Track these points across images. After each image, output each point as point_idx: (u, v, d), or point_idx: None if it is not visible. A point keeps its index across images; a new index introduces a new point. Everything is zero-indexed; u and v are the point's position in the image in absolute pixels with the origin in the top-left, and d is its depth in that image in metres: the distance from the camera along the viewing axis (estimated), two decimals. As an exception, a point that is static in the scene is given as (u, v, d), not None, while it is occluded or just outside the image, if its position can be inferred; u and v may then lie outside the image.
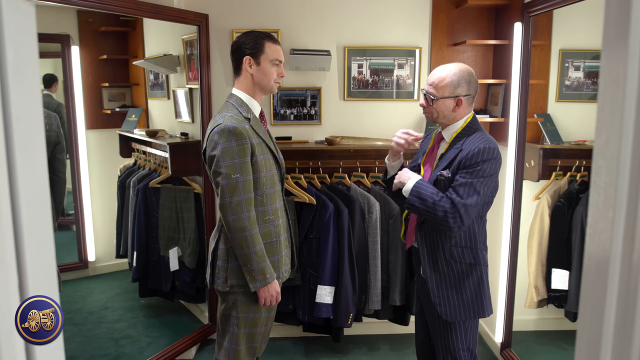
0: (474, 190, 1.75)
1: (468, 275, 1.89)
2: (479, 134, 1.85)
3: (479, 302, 1.90)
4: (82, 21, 3.71)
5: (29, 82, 0.64)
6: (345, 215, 2.82)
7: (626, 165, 0.53)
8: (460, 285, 1.90)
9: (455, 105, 1.85)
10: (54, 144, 2.75)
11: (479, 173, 1.75)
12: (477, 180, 1.75)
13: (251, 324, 1.95)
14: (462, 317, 1.92)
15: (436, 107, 1.86)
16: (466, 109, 1.88)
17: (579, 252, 2.74)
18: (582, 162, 2.84)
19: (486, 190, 1.79)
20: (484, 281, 1.89)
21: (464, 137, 1.86)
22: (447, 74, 1.85)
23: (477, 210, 1.79)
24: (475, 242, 1.89)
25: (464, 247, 1.89)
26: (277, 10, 3.00)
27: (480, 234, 1.91)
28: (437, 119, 1.90)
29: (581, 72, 2.83)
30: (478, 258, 1.89)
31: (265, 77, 1.90)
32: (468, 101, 1.87)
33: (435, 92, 1.85)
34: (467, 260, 1.89)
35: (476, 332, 2.02)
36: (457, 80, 1.84)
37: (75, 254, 3.88)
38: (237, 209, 1.79)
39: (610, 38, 0.55)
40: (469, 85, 1.86)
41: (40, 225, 0.66)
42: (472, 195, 1.75)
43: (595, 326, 0.57)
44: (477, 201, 1.75)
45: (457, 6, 3.03)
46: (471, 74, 1.88)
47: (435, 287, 1.93)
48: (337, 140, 2.94)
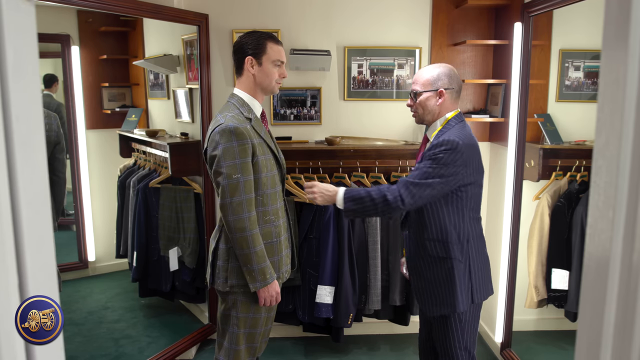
0: (422, 173, 1.80)
1: (440, 268, 1.91)
2: (455, 129, 1.88)
3: (450, 296, 1.90)
4: (82, 21, 3.71)
5: (29, 82, 0.64)
6: (345, 215, 2.82)
7: (626, 165, 0.53)
8: (433, 279, 1.93)
9: (439, 97, 1.91)
10: (53, 144, 2.75)
11: (433, 161, 1.80)
12: (428, 165, 1.80)
13: (251, 324, 1.95)
14: (436, 312, 1.93)
15: (420, 102, 1.93)
16: (450, 103, 1.93)
17: (579, 252, 2.74)
18: (582, 162, 2.84)
19: (438, 180, 1.79)
20: (454, 275, 1.88)
21: (442, 134, 1.88)
22: (427, 71, 1.94)
23: (421, 191, 1.79)
24: (447, 235, 1.89)
25: (436, 240, 1.90)
26: (278, 10, 3.00)
27: (456, 228, 1.90)
28: (423, 116, 1.95)
29: (581, 72, 2.83)
30: (449, 251, 1.89)
31: (266, 78, 1.90)
32: (452, 95, 1.92)
33: (419, 87, 1.94)
34: (440, 254, 1.90)
35: (474, 332, 2.01)
36: (437, 74, 1.92)
37: (75, 254, 3.88)
38: (237, 209, 1.79)
39: (610, 38, 0.55)
40: (450, 79, 1.92)
41: (40, 225, 0.66)
42: (417, 177, 1.80)
43: (595, 326, 0.57)
44: (425, 186, 1.79)
45: (457, 6, 3.03)
46: (451, 70, 1.94)
47: (415, 282, 1.99)
48: (337, 140, 2.94)
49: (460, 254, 1.90)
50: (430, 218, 1.90)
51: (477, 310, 2.00)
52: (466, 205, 1.90)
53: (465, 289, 1.91)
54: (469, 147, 1.82)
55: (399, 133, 3.11)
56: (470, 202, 1.90)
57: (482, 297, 1.96)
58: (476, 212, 1.96)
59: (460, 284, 1.90)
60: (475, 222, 1.96)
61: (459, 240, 1.90)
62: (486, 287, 1.99)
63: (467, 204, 1.90)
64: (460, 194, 1.87)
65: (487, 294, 1.99)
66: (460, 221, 1.90)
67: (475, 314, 1.99)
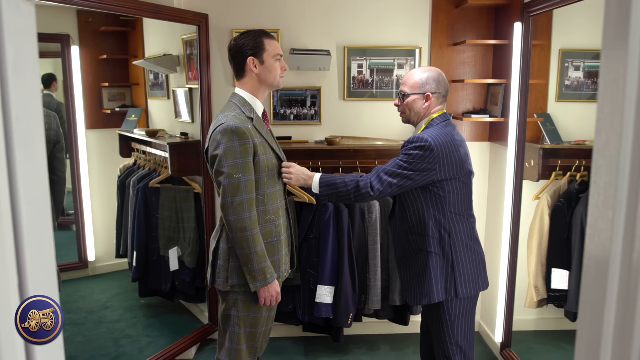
0: (394, 164, 1.91)
1: (417, 260, 1.99)
2: (433, 128, 1.95)
3: (426, 286, 1.97)
4: (82, 21, 3.71)
5: (29, 82, 0.64)
6: (345, 215, 2.82)
7: (626, 165, 0.53)
8: (413, 270, 2.01)
9: (425, 101, 1.97)
10: (53, 144, 2.75)
11: (405, 156, 1.90)
12: (400, 158, 1.91)
13: (252, 324, 1.95)
14: (416, 302, 2.01)
15: (407, 104, 2.00)
16: (436, 107, 2.00)
17: (579, 252, 2.74)
18: (582, 162, 2.84)
19: (407, 173, 1.87)
20: (429, 267, 1.95)
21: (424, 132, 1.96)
22: (416, 74, 2.01)
23: (390, 180, 1.89)
24: (425, 229, 1.96)
25: (415, 233, 1.99)
26: (277, 10, 3.00)
27: (435, 223, 1.95)
28: (410, 117, 2.03)
29: (581, 72, 2.83)
30: (425, 244, 1.96)
31: (271, 74, 1.91)
32: (438, 99, 1.99)
33: (407, 89, 2.00)
34: (418, 247, 1.98)
35: (467, 329, 2.03)
36: (426, 78, 1.99)
37: (75, 254, 3.88)
38: (238, 209, 1.79)
39: (610, 38, 0.55)
40: (437, 84, 1.98)
41: (40, 225, 0.66)
42: (389, 167, 1.91)
43: (595, 326, 0.57)
44: (391, 172, 1.89)
45: (457, 6, 3.03)
46: (440, 74, 2.01)
47: (400, 273, 2.11)
48: (337, 140, 2.94)
49: (439, 248, 1.96)
50: (411, 212, 1.98)
51: (468, 305, 2.01)
52: (446, 201, 1.95)
53: (442, 281, 1.97)
54: (443, 146, 1.88)
55: (399, 133, 3.11)
56: (450, 197, 1.95)
57: (471, 291, 1.99)
58: (461, 209, 1.98)
59: (436, 275, 1.96)
60: (460, 218, 1.98)
61: (439, 235, 1.96)
62: (476, 282, 2.01)
63: (447, 199, 1.95)
64: (437, 190, 1.93)
65: (477, 289, 2.02)
66: (440, 216, 1.96)
67: (466, 310, 2.01)
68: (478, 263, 2.03)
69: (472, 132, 3.18)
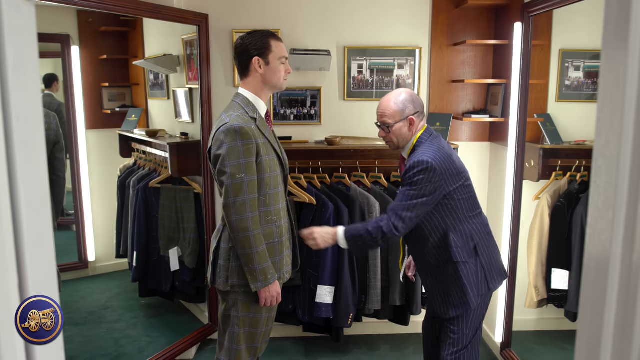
0: (405, 197, 1.91)
1: (447, 271, 1.99)
2: (424, 146, 1.97)
3: (462, 296, 1.98)
4: (82, 21, 3.71)
5: (29, 82, 0.64)
6: (345, 215, 2.82)
7: (626, 165, 0.53)
8: (444, 283, 2.01)
9: (410, 124, 2.00)
10: (53, 143, 2.75)
11: (411, 184, 1.90)
12: (408, 188, 1.91)
13: (252, 324, 1.95)
14: (450, 312, 2.01)
15: (394, 132, 2.01)
16: (419, 125, 2.02)
17: (579, 252, 2.74)
18: (582, 162, 2.84)
19: (421, 200, 1.89)
20: (461, 276, 1.97)
21: (415, 151, 1.99)
22: (392, 102, 2.01)
23: (409, 214, 1.90)
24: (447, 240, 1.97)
25: (440, 247, 2.00)
26: (277, 10, 3.00)
27: (456, 232, 1.98)
28: (398, 144, 2.05)
29: (581, 72, 2.83)
30: (453, 255, 1.97)
31: (274, 76, 1.91)
32: (419, 117, 2.02)
33: (389, 119, 2.00)
34: (443, 258, 2.00)
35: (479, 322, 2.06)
36: (402, 102, 1.99)
37: (75, 254, 3.88)
38: (241, 209, 1.79)
39: (610, 38, 0.55)
40: (413, 104, 2.01)
41: (40, 225, 0.66)
42: (402, 201, 1.91)
43: (595, 326, 0.57)
44: (410, 209, 1.89)
45: (457, 6, 3.03)
46: (412, 94, 2.03)
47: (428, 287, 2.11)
48: (337, 140, 2.94)
49: (466, 255, 1.98)
50: (429, 229, 1.99)
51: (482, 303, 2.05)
52: (459, 208, 1.98)
53: (475, 286, 1.99)
54: (441, 160, 1.91)
55: (399, 133, 3.11)
56: (461, 203, 1.98)
57: (499, 283, 2.07)
58: (472, 210, 2.02)
59: (469, 282, 1.97)
60: (474, 218, 2.02)
61: (462, 241, 1.98)
62: (500, 272, 2.09)
63: (458, 206, 1.97)
64: (448, 202, 1.96)
65: (502, 278, 2.10)
66: (457, 224, 1.98)
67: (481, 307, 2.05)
68: (497, 253, 2.10)
69: (472, 132, 3.18)
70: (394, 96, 2.02)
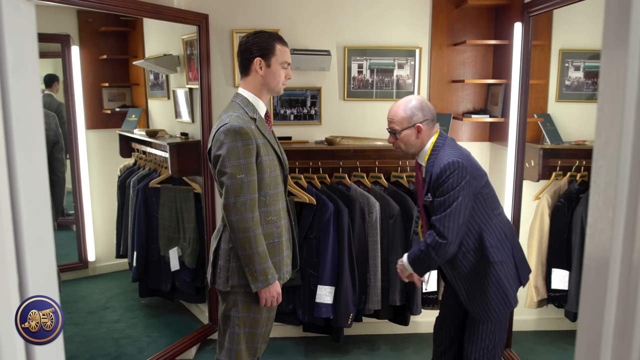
0: (446, 206, 1.91)
1: (483, 274, 2.00)
2: (444, 150, 1.99)
3: (501, 297, 1.99)
4: (82, 21, 3.71)
5: (29, 82, 0.64)
6: (345, 215, 2.82)
7: (626, 165, 0.53)
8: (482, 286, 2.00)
9: (417, 132, 2.01)
10: (52, 144, 2.75)
11: (446, 189, 1.91)
12: (446, 197, 1.91)
13: (251, 324, 1.95)
14: (490, 315, 2.01)
15: (401, 139, 2.04)
16: (429, 132, 2.03)
17: (579, 252, 2.74)
18: (582, 162, 2.84)
19: (459, 201, 1.90)
20: (500, 276, 1.98)
21: (434, 157, 2.00)
22: (400, 108, 2.03)
23: (454, 221, 1.90)
24: (483, 242, 1.98)
25: (474, 249, 2.01)
26: (277, 10, 3.00)
27: (488, 231, 1.99)
28: (407, 150, 2.07)
29: (581, 72, 2.83)
30: (488, 256, 1.98)
31: (274, 79, 1.90)
32: (428, 125, 2.03)
33: (396, 126, 2.04)
34: (482, 260, 2.00)
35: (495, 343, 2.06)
36: (411, 109, 2.01)
37: (75, 254, 3.87)
38: (241, 209, 1.79)
39: (610, 38, 0.55)
40: (423, 112, 2.02)
41: (40, 225, 0.66)
42: (445, 210, 1.91)
43: (595, 326, 0.57)
44: (451, 215, 1.90)
45: (457, 6, 3.03)
46: (422, 102, 2.04)
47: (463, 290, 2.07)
48: (337, 140, 2.94)
49: (504, 254, 1.99)
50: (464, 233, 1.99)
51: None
52: (488, 207, 2.00)
53: (514, 284, 2.02)
54: (466, 159, 1.95)
55: (399, 133, 3.11)
56: (488, 202, 2.00)
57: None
58: (497, 207, 2.05)
59: (509, 281, 1.99)
60: (500, 216, 2.05)
61: (498, 242, 1.99)
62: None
63: (488, 204, 2.00)
64: (478, 201, 1.97)
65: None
66: (489, 223, 2.00)
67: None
68: (520, 248, 2.12)
69: (472, 132, 3.18)
70: (404, 103, 2.04)
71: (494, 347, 2.06)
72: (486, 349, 2.05)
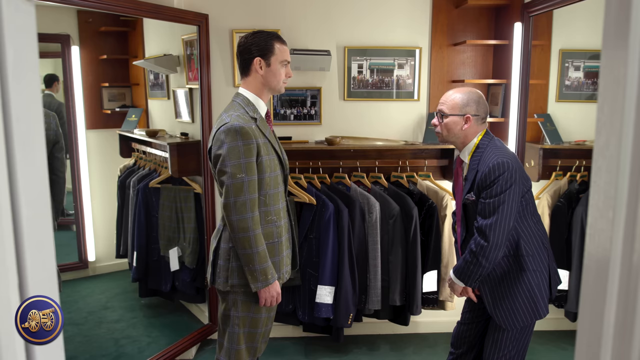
0: (494, 209, 1.85)
1: (517, 281, 1.94)
2: (491, 149, 1.92)
3: (532, 306, 1.94)
4: (82, 21, 3.71)
5: (29, 82, 0.65)
6: (345, 215, 2.82)
7: (626, 165, 0.53)
8: (512, 295, 1.95)
9: (464, 123, 1.94)
10: (52, 144, 2.75)
11: (495, 191, 1.84)
12: (494, 199, 1.85)
13: (251, 324, 1.95)
14: (520, 323, 1.96)
15: (446, 124, 1.97)
16: (476, 128, 1.96)
17: (579, 252, 2.74)
18: (582, 162, 2.84)
19: (508, 204, 1.84)
20: (532, 285, 1.93)
21: (479, 155, 1.93)
22: (457, 94, 1.97)
23: (503, 225, 1.84)
24: (518, 249, 1.93)
25: (509, 255, 1.95)
26: (277, 10, 3.00)
27: (525, 237, 1.94)
28: (447, 137, 2.00)
29: (581, 72, 2.83)
30: (523, 264, 1.93)
31: (274, 78, 1.90)
32: (477, 121, 1.96)
33: (446, 109, 1.97)
34: (515, 268, 1.95)
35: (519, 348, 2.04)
36: (467, 99, 1.95)
37: (75, 254, 3.87)
38: (241, 209, 1.79)
39: (610, 38, 0.55)
40: (477, 106, 1.95)
41: (40, 225, 0.66)
42: (493, 215, 1.85)
43: (595, 326, 0.57)
44: (499, 218, 1.84)
45: (457, 6, 3.03)
46: (480, 96, 1.98)
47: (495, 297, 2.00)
48: (337, 140, 2.94)
49: (540, 263, 1.94)
50: None
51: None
52: (529, 213, 1.95)
53: (545, 293, 1.96)
54: (515, 160, 1.88)
55: (399, 133, 3.11)
56: (529, 209, 1.95)
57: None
58: (536, 214, 2.00)
59: (540, 291, 1.94)
60: (539, 224, 2.00)
61: (535, 250, 1.94)
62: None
63: (529, 211, 1.95)
64: (521, 206, 1.92)
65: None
66: (528, 230, 1.94)
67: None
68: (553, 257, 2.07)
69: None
70: (462, 91, 1.98)
71: (516, 354, 2.01)
72: (508, 355, 2.00)
